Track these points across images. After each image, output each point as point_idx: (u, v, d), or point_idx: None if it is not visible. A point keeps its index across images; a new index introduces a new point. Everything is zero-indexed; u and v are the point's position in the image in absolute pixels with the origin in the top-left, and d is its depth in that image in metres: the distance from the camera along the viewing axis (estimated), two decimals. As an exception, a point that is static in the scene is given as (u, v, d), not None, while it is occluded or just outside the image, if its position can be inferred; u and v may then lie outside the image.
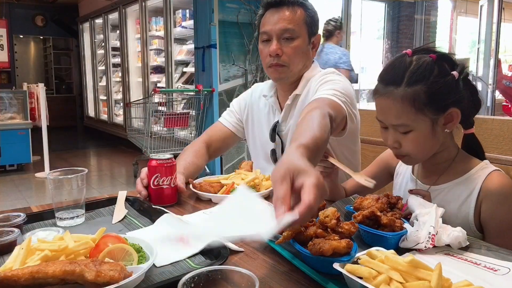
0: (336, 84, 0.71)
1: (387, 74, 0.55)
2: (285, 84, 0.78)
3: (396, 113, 0.52)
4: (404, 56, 0.54)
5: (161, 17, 3.10)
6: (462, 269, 0.40)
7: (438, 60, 0.52)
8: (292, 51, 0.73)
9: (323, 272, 0.39)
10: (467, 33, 3.86)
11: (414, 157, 0.56)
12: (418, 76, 0.51)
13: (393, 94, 0.52)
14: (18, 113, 2.83)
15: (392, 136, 0.55)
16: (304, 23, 0.74)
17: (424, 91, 0.51)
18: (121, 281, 0.35)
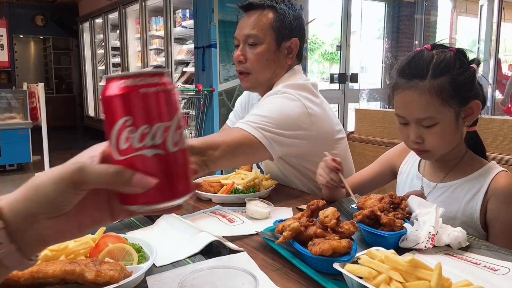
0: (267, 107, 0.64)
1: (410, 68, 0.54)
2: (259, 92, 0.75)
3: (423, 106, 0.52)
4: (423, 51, 0.54)
5: (161, 17, 3.09)
6: (462, 269, 0.40)
7: (458, 54, 0.53)
8: (254, 58, 0.70)
9: (323, 272, 0.39)
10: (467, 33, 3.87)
11: (436, 152, 0.55)
12: (443, 68, 0.52)
13: (418, 87, 0.52)
14: (18, 113, 2.83)
15: (414, 132, 0.54)
16: (270, 28, 0.70)
17: (450, 83, 0.52)
18: (121, 281, 0.35)
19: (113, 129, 0.22)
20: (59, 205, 0.21)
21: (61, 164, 0.22)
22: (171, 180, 0.22)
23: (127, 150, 0.22)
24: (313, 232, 0.41)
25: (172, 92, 0.23)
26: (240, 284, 0.33)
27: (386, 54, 3.75)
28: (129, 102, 0.21)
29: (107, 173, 0.21)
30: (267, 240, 0.47)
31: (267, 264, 0.43)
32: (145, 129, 0.21)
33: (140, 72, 0.22)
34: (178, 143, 0.23)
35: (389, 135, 1.05)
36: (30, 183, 0.21)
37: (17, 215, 0.21)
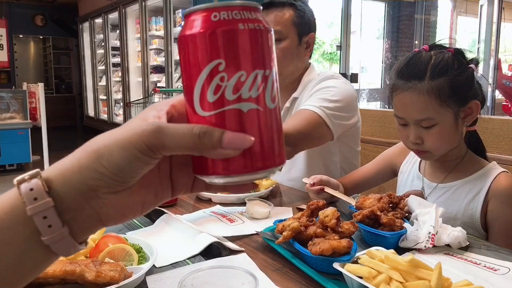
0: (329, 92, 0.70)
1: (408, 69, 0.54)
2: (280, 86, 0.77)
3: (421, 107, 0.52)
4: (421, 52, 0.54)
5: (161, 17, 3.09)
6: (462, 268, 0.40)
7: (456, 54, 0.53)
8: (280, 52, 0.72)
9: (323, 271, 0.39)
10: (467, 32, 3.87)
11: (436, 152, 0.55)
12: (441, 69, 0.52)
13: (417, 88, 0.52)
14: (18, 113, 2.82)
15: (414, 133, 0.54)
16: (292, 24, 0.73)
17: (448, 83, 0.52)
18: (121, 281, 0.35)
19: (198, 76, 0.16)
20: (127, 176, 0.16)
21: None
22: (267, 144, 0.17)
23: (216, 102, 0.17)
24: (313, 232, 0.41)
25: (271, 34, 0.18)
26: (240, 284, 0.33)
27: (386, 54, 3.76)
28: (224, 40, 0.16)
29: (192, 134, 0.16)
30: (267, 240, 0.47)
31: (267, 264, 0.43)
32: (241, 76, 0.16)
33: (235, 3, 0.17)
34: (275, 98, 0.18)
35: (389, 135, 1.05)
36: (87, 148, 0.17)
37: (71, 189, 0.16)
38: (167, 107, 0.19)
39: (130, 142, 0.16)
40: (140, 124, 0.17)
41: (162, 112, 0.19)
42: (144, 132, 0.16)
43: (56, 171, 0.17)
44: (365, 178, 0.69)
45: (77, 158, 0.17)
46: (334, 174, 0.76)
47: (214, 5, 0.17)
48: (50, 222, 0.16)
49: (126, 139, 0.17)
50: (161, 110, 0.19)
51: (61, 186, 0.17)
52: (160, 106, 0.19)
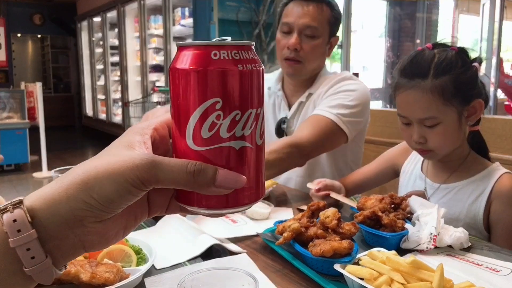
0: (346, 97, 0.71)
1: (411, 67, 0.54)
2: (297, 80, 0.78)
3: (425, 106, 0.52)
4: (424, 50, 0.54)
5: (160, 16, 3.08)
6: (464, 270, 0.40)
7: (459, 52, 0.53)
8: (311, 49, 0.72)
9: (324, 273, 0.39)
10: (468, 31, 3.86)
11: (439, 152, 0.55)
12: (444, 67, 0.51)
13: (420, 86, 0.52)
14: (16, 113, 2.81)
15: (417, 132, 0.54)
16: (327, 23, 0.73)
17: (452, 82, 0.51)
18: (116, 283, 0.35)
19: (193, 112, 0.17)
20: (117, 208, 0.16)
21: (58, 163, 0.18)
22: (253, 180, 0.18)
23: (210, 139, 0.17)
24: (313, 233, 0.41)
25: (263, 71, 0.18)
26: (240, 285, 0.33)
27: (387, 53, 3.74)
28: (223, 80, 0.16)
29: (186, 171, 0.16)
30: (267, 241, 0.46)
31: (267, 265, 0.42)
32: (237, 115, 0.17)
33: (233, 42, 0.17)
34: (263, 135, 0.18)
35: (391, 135, 1.04)
36: (76, 177, 0.16)
37: (56, 219, 0.16)
38: (150, 131, 0.19)
39: (122, 176, 0.16)
40: (131, 155, 0.17)
41: (147, 137, 0.19)
42: (138, 167, 0.16)
43: (40, 200, 0.16)
44: (367, 178, 0.68)
45: (65, 187, 0.16)
46: (345, 174, 0.76)
47: (213, 43, 0.17)
48: (33, 254, 0.16)
49: (118, 172, 0.16)
50: (145, 135, 0.19)
51: (46, 215, 0.16)
52: (143, 130, 0.19)
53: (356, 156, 0.80)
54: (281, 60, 0.75)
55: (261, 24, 2.56)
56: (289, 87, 0.80)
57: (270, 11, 2.61)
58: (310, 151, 0.67)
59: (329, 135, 0.68)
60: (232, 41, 0.17)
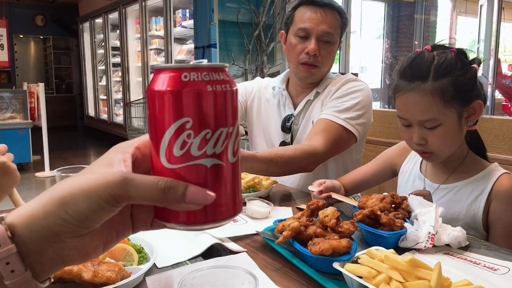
0: (353, 99, 0.74)
1: (411, 70, 0.54)
2: (308, 82, 0.80)
3: (425, 108, 0.52)
4: (423, 53, 0.54)
5: (161, 17, 3.09)
6: (462, 268, 0.40)
7: (459, 54, 0.53)
8: (328, 54, 0.76)
9: (323, 271, 0.39)
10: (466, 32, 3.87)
11: (440, 153, 0.55)
12: (444, 69, 0.52)
13: (420, 88, 0.52)
14: (18, 113, 2.83)
15: (417, 133, 0.54)
16: (339, 29, 0.77)
17: (452, 84, 0.52)
18: (118, 281, 0.35)
19: (166, 131, 0.18)
20: (91, 223, 0.17)
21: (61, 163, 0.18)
22: (226, 196, 0.19)
23: (181, 157, 0.18)
24: (313, 231, 0.41)
25: (236, 92, 0.19)
26: (240, 283, 0.33)
27: (386, 54, 3.75)
28: (192, 101, 0.17)
29: (157, 188, 0.17)
30: (267, 239, 0.47)
31: (267, 264, 0.43)
32: (207, 134, 0.17)
33: (204, 65, 0.18)
34: (237, 152, 0.19)
35: (389, 135, 1.05)
36: (53, 194, 0.17)
37: (35, 234, 0.17)
38: (132, 149, 0.20)
39: (95, 192, 0.17)
40: (106, 172, 0.18)
41: (128, 155, 0.19)
42: (110, 183, 0.17)
43: (20, 216, 0.17)
44: (365, 178, 0.69)
45: (42, 204, 0.17)
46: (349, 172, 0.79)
47: (185, 66, 0.18)
48: (12, 268, 0.17)
49: (92, 189, 0.17)
50: (126, 153, 0.19)
51: (25, 231, 0.17)
52: (125, 148, 0.20)
53: (360, 155, 0.82)
54: (296, 64, 0.77)
55: (261, 25, 2.57)
56: (295, 88, 0.82)
57: (270, 12, 2.62)
58: (325, 159, 0.71)
59: (340, 141, 0.72)
60: (204, 63, 0.18)
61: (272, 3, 2.59)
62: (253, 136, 0.87)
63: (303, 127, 0.79)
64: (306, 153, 0.67)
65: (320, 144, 0.69)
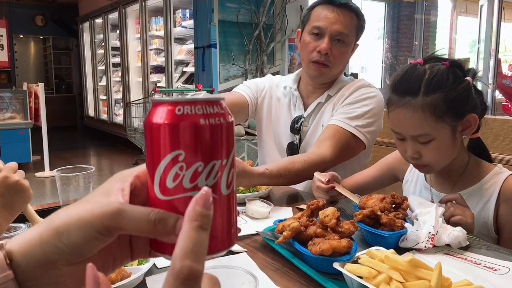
0: (365, 107, 0.73)
1: (402, 84, 0.53)
2: (320, 82, 0.79)
3: (416, 124, 0.51)
4: (415, 66, 0.53)
5: (161, 17, 3.09)
6: (462, 268, 0.40)
7: (451, 67, 0.52)
8: (340, 55, 0.75)
9: (323, 271, 0.39)
10: (467, 33, 3.87)
11: (435, 166, 0.55)
12: (435, 84, 0.51)
13: (411, 104, 0.51)
14: (18, 113, 2.83)
15: (411, 148, 0.53)
16: (355, 31, 0.76)
17: (443, 99, 0.51)
18: (118, 282, 0.35)
19: (159, 163, 0.18)
20: (85, 252, 0.18)
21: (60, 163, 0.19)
22: (218, 230, 0.19)
23: (173, 189, 0.18)
24: (313, 231, 0.41)
25: (231, 124, 0.19)
26: (240, 283, 0.33)
27: (386, 54, 3.75)
28: (184, 134, 0.18)
29: (147, 220, 0.17)
30: (267, 239, 0.47)
31: (267, 264, 0.43)
32: (199, 166, 0.18)
33: (199, 98, 0.18)
34: (231, 184, 0.19)
35: (389, 135, 1.04)
36: (49, 223, 0.18)
37: (31, 262, 0.17)
38: (131, 178, 0.20)
39: (88, 222, 0.18)
40: (100, 202, 0.18)
41: (127, 184, 0.20)
42: (102, 214, 0.18)
43: (19, 244, 0.18)
44: (366, 182, 0.68)
45: (39, 232, 0.18)
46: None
47: (180, 99, 0.18)
48: None
49: (85, 219, 0.18)
50: (126, 182, 0.20)
51: (22, 258, 0.18)
52: (125, 177, 0.20)
53: (367, 160, 0.82)
54: (307, 62, 0.76)
55: (261, 25, 2.57)
56: (307, 88, 0.81)
57: (270, 12, 2.63)
58: (333, 165, 0.71)
59: (349, 148, 0.71)
60: (200, 97, 0.19)
61: (272, 3, 2.59)
62: (261, 134, 0.86)
63: (312, 130, 0.78)
64: (315, 164, 0.66)
65: (329, 151, 0.69)
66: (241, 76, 2.65)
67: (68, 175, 0.53)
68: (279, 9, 2.65)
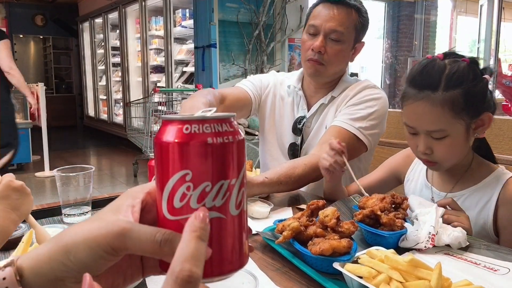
0: (369, 108, 0.72)
1: (422, 78, 0.52)
2: (318, 82, 0.78)
3: (434, 118, 0.51)
4: (435, 60, 0.53)
5: (161, 17, 3.09)
6: (462, 268, 0.40)
7: (471, 64, 0.52)
8: (334, 53, 0.73)
9: (323, 271, 0.39)
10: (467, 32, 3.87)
11: (444, 164, 0.54)
12: (456, 80, 0.50)
13: (430, 98, 0.50)
14: (18, 113, 2.82)
15: (424, 143, 0.53)
16: (354, 29, 0.73)
17: (462, 95, 0.50)
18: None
19: (167, 182, 0.18)
20: (93, 270, 0.18)
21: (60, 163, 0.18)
22: (227, 250, 0.18)
23: (181, 209, 0.18)
24: (313, 231, 0.41)
25: (241, 142, 0.19)
26: (240, 283, 0.33)
27: (386, 54, 3.75)
28: (191, 153, 0.17)
29: (153, 241, 0.17)
30: (267, 239, 0.47)
31: (267, 264, 0.43)
32: (207, 186, 0.17)
33: (207, 117, 0.18)
34: (240, 204, 0.19)
35: (389, 135, 1.05)
36: (58, 241, 0.18)
37: (41, 278, 0.18)
38: (143, 194, 0.20)
39: (95, 242, 0.18)
40: (108, 221, 0.18)
41: (137, 200, 0.19)
42: (109, 234, 0.18)
43: (29, 260, 0.18)
44: (369, 186, 0.67)
45: (48, 249, 0.18)
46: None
47: (189, 118, 0.18)
48: None
49: (92, 238, 0.18)
50: (136, 199, 0.20)
51: (32, 274, 0.18)
52: (136, 193, 0.20)
53: (368, 163, 0.81)
54: (304, 61, 0.76)
55: (261, 25, 2.57)
56: (309, 87, 0.80)
57: (270, 12, 2.62)
58: None
59: (351, 149, 0.69)
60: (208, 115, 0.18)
61: (272, 3, 2.59)
62: (264, 132, 0.85)
63: (315, 131, 0.77)
64: (316, 167, 0.64)
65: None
66: (241, 76, 2.65)
67: (68, 175, 0.53)
68: (279, 9, 2.65)
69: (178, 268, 0.16)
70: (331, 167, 0.57)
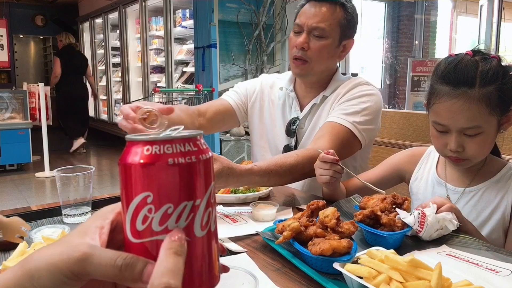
0: (362, 104, 0.71)
1: (456, 75, 0.51)
2: (307, 81, 0.77)
3: (471, 115, 0.51)
4: (466, 57, 0.53)
5: (161, 17, 3.10)
6: (463, 269, 0.40)
7: (500, 61, 0.53)
8: (318, 49, 0.72)
9: (323, 271, 0.39)
10: (467, 32, 3.86)
11: (474, 160, 0.54)
12: (491, 76, 0.51)
13: (467, 95, 0.50)
14: (18, 113, 2.83)
15: (456, 140, 0.52)
16: (338, 25, 0.72)
17: (496, 92, 0.51)
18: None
19: (129, 204, 0.17)
20: None
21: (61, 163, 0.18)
22: (194, 273, 0.17)
23: (143, 232, 0.17)
24: (313, 232, 0.41)
25: (207, 161, 0.18)
26: (240, 284, 0.33)
27: (386, 54, 3.75)
28: (152, 175, 0.17)
29: (113, 266, 0.17)
30: (267, 240, 0.47)
31: (267, 264, 0.43)
32: (169, 208, 0.17)
33: (170, 137, 0.17)
34: (206, 225, 0.18)
35: (389, 135, 1.04)
36: (25, 266, 0.18)
37: None
38: (113, 215, 0.20)
39: (57, 267, 0.17)
40: (72, 246, 0.18)
41: (107, 221, 0.19)
42: (70, 259, 0.17)
43: None
44: (370, 183, 0.66)
45: (14, 275, 0.18)
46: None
47: (150, 139, 0.17)
48: None
49: (54, 263, 0.17)
50: (106, 219, 0.19)
51: None
52: (106, 214, 0.20)
53: (364, 161, 0.80)
54: (291, 60, 0.75)
55: (261, 25, 2.58)
56: (301, 88, 0.79)
57: (270, 12, 2.63)
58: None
59: (346, 144, 0.69)
60: (173, 134, 0.18)
61: (272, 3, 2.59)
62: (254, 139, 0.85)
63: (309, 132, 0.76)
64: (309, 157, 0.62)
65: (325, 146, 0.65)
66: (241, 76, 2.65)
67: (68, 175, 0.53)
68: (279, 9, 2.65)
69: (156, 282, 0.15)
70: (331, 179, 0.57)
